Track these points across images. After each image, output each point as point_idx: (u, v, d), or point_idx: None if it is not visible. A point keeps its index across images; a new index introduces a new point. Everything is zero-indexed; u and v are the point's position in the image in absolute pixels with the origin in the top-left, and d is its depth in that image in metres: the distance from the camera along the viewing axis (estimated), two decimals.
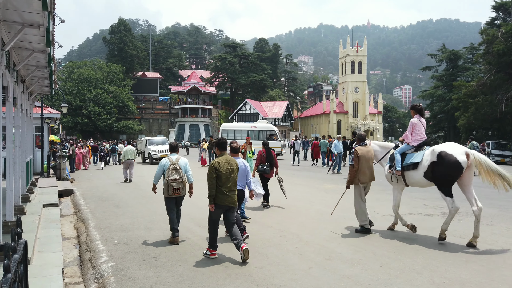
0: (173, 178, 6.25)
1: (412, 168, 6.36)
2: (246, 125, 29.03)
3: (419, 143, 6.53)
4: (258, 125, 28.35)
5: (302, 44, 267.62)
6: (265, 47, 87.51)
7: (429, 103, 56.42)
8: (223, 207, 5.44)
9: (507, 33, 33.15)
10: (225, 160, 5.45)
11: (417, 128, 6.56)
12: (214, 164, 5.36)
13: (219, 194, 5.37)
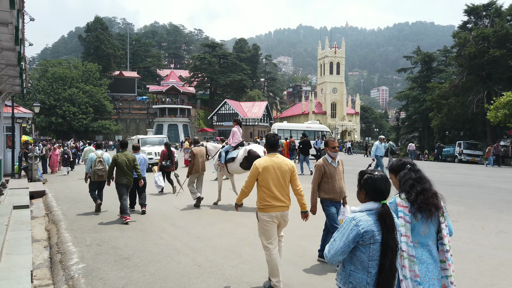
0: (99, 168, 8.73)
1: (231, 161, 9.38)
2: (301, 125, 29.41)
3: (236, 144, 9.54)
4: (313, 125, 28.92)
5: (281, 45, 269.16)
6: (244, 47, 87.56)
7: (404, 104, 57.72)
8: (124, 185, 7.97)
9: (478, 37, 34.33)
10: (124, 155, 8.00)
11: (236, 134, 9.63)
12: (114, 157, 8.03)
13: (120, 176, 7.92)
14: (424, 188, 2.57)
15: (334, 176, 4.95)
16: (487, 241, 6.06)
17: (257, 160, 4.25)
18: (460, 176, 16.39)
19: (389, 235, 2.26)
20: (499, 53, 32.22)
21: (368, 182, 2.39)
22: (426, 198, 2.53)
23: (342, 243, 2.31)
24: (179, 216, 8.41)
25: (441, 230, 2.61)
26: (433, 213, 2.55)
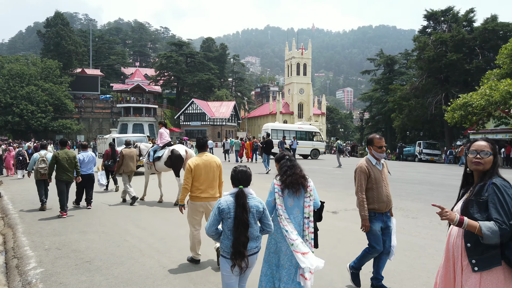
0: (41, 166, 8.98)
1: (158, 160, 10.18)
2: (294, 126, 30.18)
3: (164, 144, 10.33)
4: (304, 126, 29.94)
5: (249, 45, 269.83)
6: (212, 46, 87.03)
7: (368, 105, 59.47)
8: (64, 181, 8.32)
9: (437, 41, 35.93)
10: (64, 153, 8.38)
11: (163, 135, 10.46)
12: (54, 154, 8.39)
13: (60, 173, 8.27)
14: (294, 172, 3.49)
15: (380, 181, 4.01)
16: (444, 236, 6.35)
17: (190, 159, 4.93)
18: (420, 175, 17.10)
19: (240, 211, 3.03)
20: (456, 57, 33.89)
21: (231, 174, 3.27)
22: (295, 179, 3.45)
23: (212, 218, 3.13)
24: (144, 217, 8.24)
25: (304, 202, 3.48)
26: (299, 190, 3.45)
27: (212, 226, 3.13)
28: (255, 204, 3.15)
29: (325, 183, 13.48)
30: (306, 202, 3.47)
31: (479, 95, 23.23)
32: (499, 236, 2.16)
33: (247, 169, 3.30)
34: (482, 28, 35.33)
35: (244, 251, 3.02)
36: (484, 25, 35.74)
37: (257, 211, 3.14)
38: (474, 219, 2.28)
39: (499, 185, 2.31)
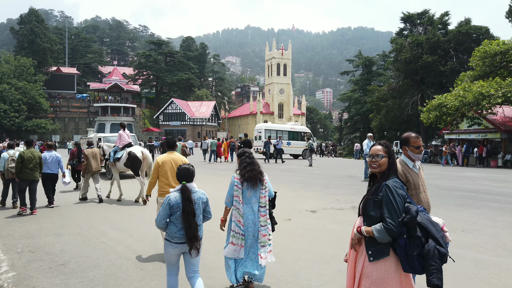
0: (11, 166, 9.07)
1: (118, 160, 10.67)
2: (286, 126, 30.47)
3: (123, 145, 10.83)
4: (296, 127, 30.55)
5: (229, 45, 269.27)
6: (192, 46, 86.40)
7: (347, 105, 60.27)
8: (27, 180, 8.44)
9: (413, 43, 36.76)
10: (30, 152, 8.53)
11: (123, 137, 10.95)
12: (20, 153, 8.50)
13: (25, 172, 8.37)
14: (253, 168, 4.09)
15: (419, 186, 3.40)
16: None
17: (159, 157, 5.31)
18: None
19: (186, 203, 3.47)
20: (431, 59, 34.76)
21: (176, 172, 3.70)
22: (253, 174, 4.06)
23: (163, 212, 3.50)
24: (122, 218, 8.11)
25: (260, 193, 4.11)
26: (256, 184, 4.07)
27: (162, 219, 3.53)
28: (200, 196, 3.63)
29: (304, 182, 13.59)
30: (262, 193, 4.12)
31: (453, 96, 23.90)
32: (387, 235, 2.50)
33: (189, 167, 3.70)
34: (456, 31, 36.37)
35: (197, 235, 3.51)
36: (458, 28, 36.79)
37: (202, 202, 3.63)
38: (370, 216, 2.62)
39: (390, 186, 2.59)
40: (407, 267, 2.55)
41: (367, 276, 2.60)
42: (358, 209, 2.84)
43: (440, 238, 2.53)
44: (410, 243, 2.52)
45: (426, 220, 2.57)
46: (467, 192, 11.18)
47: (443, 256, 2.49)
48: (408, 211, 2.55)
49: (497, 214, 8.04)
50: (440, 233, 2.58)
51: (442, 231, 2.64)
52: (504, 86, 21.62)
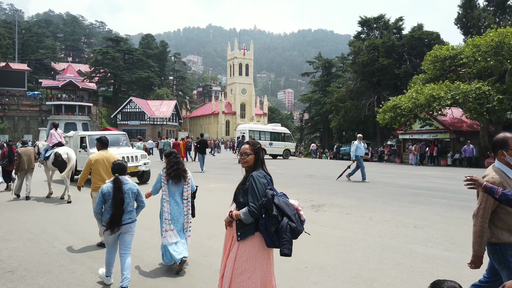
0: None
1: (47, 159, 10.86)
2: (268, 127, 31.28)
3: (53, 144, 11.06)
4: (277, 128, 31.43)
5: (191, 44, 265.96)
6: (152, 43, 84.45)
7: (307, 106, 61.37)
8: None
9: (370, 46, 38.08)
10: None
11: (53, 136, 11.18)
12: None
13: None
14: (178, 168, 4.87)
15: None
16: (374, 230, 6.76)
17: (92, 155, 5.79)
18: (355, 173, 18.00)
19: (117, 192, 4.16)
20: (386, 62, 36.18)
21: (111, 166, 4.39)
22: (178, 173, 4.86)
23: (98, 200, 4.21)
24: (76, 222, 7.77)
25: (183, 188, 4.96)
26: (180, 180, 4.89)
27: (98, 205, 4.23)
28: (130, 187, 4.32)
29: None
30: (185, 188, 4.96)
31: (406, 98, 25.02)
32: (250, 216, 2.95)
33: (122, 162, 4.42)
34: (410, 35, 38.10)
35: (120, 221, 4.18)
36: (411, 33, 38.56)
37: (132, 192, 4.32)
38: (240, 202, 3.09)
39: (254, 176, 3.06)
40: (269, 242, 2.98)
41: (241, 255, 3.03)
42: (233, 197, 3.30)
43: (292, 215, 2.98)
44: (269, 221, 2.96)
45: (282, 202, 3.02)
46: (419, 190, 11.75)
47: (293, 230, 2.94)
48: (265, 195, 2.99)
49: (446, 210, 8.50)
50: (293, 211, 3.03)
51: (297, 210, 3.08)
52: (453, 89, 22.93)
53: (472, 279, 4.45)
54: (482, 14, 34.77)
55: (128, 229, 4.32)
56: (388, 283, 4.40)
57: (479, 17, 34.70)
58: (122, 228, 4.24)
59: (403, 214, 8.06)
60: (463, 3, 36.55)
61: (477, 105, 21.89)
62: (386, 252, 5.54)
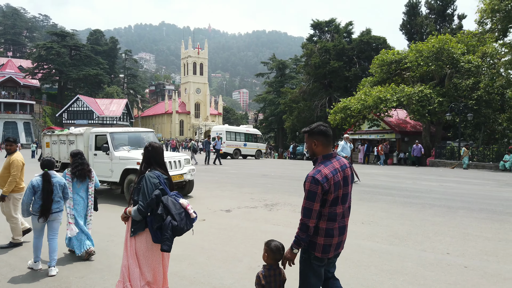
0: None
1: None
2: (242, 129, 31.91)
3: None
4: (250, 129, 32.39)
5: (143, 41, 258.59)
6: (101, 39, 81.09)
7: (262, 106, 61.96)
8: None
9: (322, 49, 39.17)
10: None
11: None
12: None
13: None
14: (83, 168, 5.32)
15: None
16: None
17: (16, 156, 5.84)
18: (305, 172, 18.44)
19: (46, 184, 4.69)
20: (337, 64, 37.40)
21: (41, 163, 4.87)
22: (83, 172, 5.31)
23: (28, 192, 4.69)
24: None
25: (88, 185, 5.42)
26: (85, 179, 5.35)
27: (28, 197, 4.69)
28: (57, 180, 4.84)
29: (220, 182, 13.63)
30: (89, 185, 5.42)
31: (356, 99, 26.03)
32: (139, 214, 3.19)
33: (51, 158, 4.93)
34: (359, 39, 39.67)
35: (50, 209, 4.69)
36: (360, 37, 40.17)
37: (59, 185, 4.83)
38: (135, 200, 3.31)
39: (146, 176, 3.28)
40: (154, 238, 3.20)
41: (138, 249, 3.30)
42: None
43: (177, 214, 3.14)
44: (154, 219, 3.17)
45: (170, 201, 3.18)
46: (366, 188, 12.27)
47: (175, 228, 3.11)
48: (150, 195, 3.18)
49: (391, 206, 8.95)
50: (179, 211, 3.18)
51: (186, 209, 3.24)
52: (398, 92, 24.18)
53: (414, 271, 4.73)
54: (425, 21, 37.02)
55: (56, 217, 4.83)
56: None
57: (422, 24, 36.91)
58: (51, 216, 4.74)
59: (352, 212, 8.37)
60: (407, 10, 38.66)
61: (419, 107, 23.24)
62: None
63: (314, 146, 2.83)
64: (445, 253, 5.39)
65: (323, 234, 2.71)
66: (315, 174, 2.66)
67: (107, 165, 9.82)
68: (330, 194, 2.66)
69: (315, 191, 2.61)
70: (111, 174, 9.76)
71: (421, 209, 8.52)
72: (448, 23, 37.73)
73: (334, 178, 2.68)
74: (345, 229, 2.83)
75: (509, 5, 20.60)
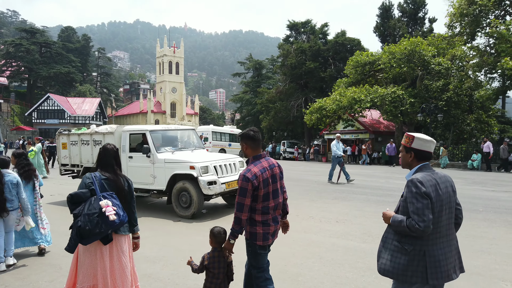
0: None
1: None
2: (227, 129, 31.92)
3: None
4: (234, 130, 32.18)
5: (117, 39, 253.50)
6: (72, 37, 78.88)
7: (239, 106, 61.85)
8: None
9: (298, 50, 39.49)
10: None
11: None
12: None
13: None
14: (30, 168, 5.41)
15: None
16: (300, 226, 7.02)
17: None
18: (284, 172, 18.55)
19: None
20: (313, 65, 37.81)
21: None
22: (29, 174, 5.37)
23: None
24: None
25: (35, 184, 5.47)
26: (31, 179, 5.41)
27: None
28: (10, 179, 4.88)
29: None
30: (35, 184, 5.50)
31: (331, 100, 26.42)
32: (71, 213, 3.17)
33: (5, 157, 5.04)
34: (334, 41, 40.23)
35: (5, 207, 4.75)
36: (335, 39, 40.73)
37: (11, 183, 4.89)
38: None
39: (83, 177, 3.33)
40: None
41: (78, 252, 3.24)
42: None
43: (85, 215, 3.02)
44: (74, 221, 3.09)
45: (90, 202, 3.09)
46: (342, 187, 12.47)
47: (80, 229, 3.00)
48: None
49: (365, 205, 9.13)
50: (91, 211, 3.03)
51: (102, 211, 3.04)
52: (372, 93, 24.72)
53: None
54: (397, 24, 37.98)
55: (11, 215, 4.95)
56: (311, 276, 4.60)
57: (395, 27, 37.85)
58: (4, 214, 4.83)
59: (326, 210, 8.49)
60: (380, 13, 39.55)
61: (392, 107, 23.83)
62: (311, 246, 5.79)
63: (245, 149, 3.27)
64: None
65: (261, 225, 3.10)
66: (245, 173, 3.04)
67: (147, 169, 8.34)
68: (260, 190, 3.04)
69: (246, 187, 2.98)
70: (153, 181, 8.30)
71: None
72: (420, 26, 38.86)
73: (263, 176, 3.06)
74: (277, 219, 3.23)
75: (476, 10, 21.44)
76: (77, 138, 9.88)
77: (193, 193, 7.58)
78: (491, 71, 22.92)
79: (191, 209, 7.66)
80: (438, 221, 2.41)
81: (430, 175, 2.48)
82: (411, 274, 2.40)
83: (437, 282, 2.39)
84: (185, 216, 7.77)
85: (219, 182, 7.70)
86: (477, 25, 22.36)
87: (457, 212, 2.61)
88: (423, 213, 2.33)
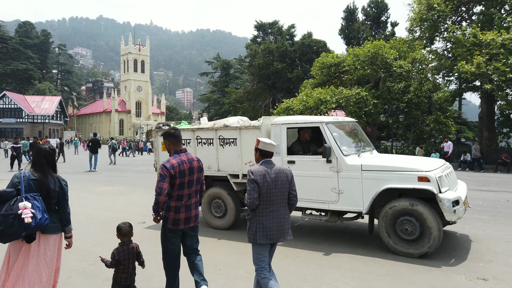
0: None
1: None
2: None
3: None
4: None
5: (79, 35, 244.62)
6: (31, 32, 75.43)
7: (206, 106, 61.45)
8: None
9: (265, 50, 39.74)
10: None
11: None
12: None
13: None
14: None
15: None
16: None
17: None
18: None
19: None
20: (280, 66, 38.18)
21: None
22: None
23: None
24: None
25: None
26: None
27: None
28: None
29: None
30: None
31: (298, 101, 26.74)
32: None
33: None
34: (301, 42, 40.80)
35: None
36: (302, 40, 41.32)
37: None
38: None
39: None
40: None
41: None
42: None
43: (1, 216, 2.98)
44: None
45: (9, 203, 3.07)
46: None
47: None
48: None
49: None
50: (6, 212, 3.01)
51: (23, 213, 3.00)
52: (337, 94, 25.23)
53: (349, 265, 4.95)
54: (361, 27, 39.03)
55: None
56: (277, 274, 4.63)
57: (359, 30, 38.88)
58: None
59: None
60: (345, 16, 40.50)
61: (356, 108, 24.44)
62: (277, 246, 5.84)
63: (168, 145, 3.70)
64: (376, 248, 5.72)
65: (173, 210, 3.56)
66: (165, 163, 3.50)
67: (326, 181, 5.65)
68: (176, 179, 3.47)
69: (165, 174, 3.41)
70: (336, 198, 5.59)
71: None
72: (383, 30, 40.15)
73: (180, 167, 3.50)
74: (191, 207, 3.64)
75: (435, 15, 22.41)
76: (191, 135, 6.82)
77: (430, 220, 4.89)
78: (448, 74, 24.04)
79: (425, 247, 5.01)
80: (267, 199, 3.29)
81: (262, 167, 3.35)
82: (248, 235, 3.38)
83: (263, 241, 3.30)
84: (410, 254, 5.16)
85: (461, 201, 5.05)
86: (435, 30, 23.35)
87: (291, 196, 3.45)
88: (250, 193, 3.27)
